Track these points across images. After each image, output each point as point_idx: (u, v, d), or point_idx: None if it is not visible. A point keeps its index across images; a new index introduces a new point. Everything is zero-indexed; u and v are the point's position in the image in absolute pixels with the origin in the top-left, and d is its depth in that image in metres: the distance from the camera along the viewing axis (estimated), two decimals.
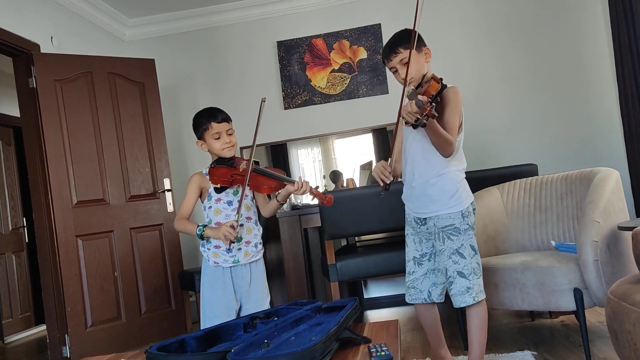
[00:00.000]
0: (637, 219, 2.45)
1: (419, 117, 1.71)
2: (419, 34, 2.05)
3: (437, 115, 1.76)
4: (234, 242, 2.02)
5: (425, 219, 2.07)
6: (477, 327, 2.01)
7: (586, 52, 4.16)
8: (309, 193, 2.03)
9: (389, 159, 1.98)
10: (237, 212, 2.06)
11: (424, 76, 2.03)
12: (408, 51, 1.99)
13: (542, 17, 4.22)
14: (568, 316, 2.97)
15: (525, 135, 4.21)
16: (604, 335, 2.54)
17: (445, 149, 1.94)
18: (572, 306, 2.23)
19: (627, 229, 2.13)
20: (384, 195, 1.97)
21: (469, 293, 1.97)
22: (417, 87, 1.98)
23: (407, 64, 1.97)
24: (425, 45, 2.08)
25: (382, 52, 2.13)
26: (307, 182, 2.05)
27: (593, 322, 2.76)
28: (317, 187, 2.05)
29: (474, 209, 2.08)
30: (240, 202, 2.08)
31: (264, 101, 2.14)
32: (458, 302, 1.99)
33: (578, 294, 2.21)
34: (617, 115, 3.96)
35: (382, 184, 1.95)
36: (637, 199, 3.61)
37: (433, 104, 1.71)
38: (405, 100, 1.91)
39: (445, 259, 2.01)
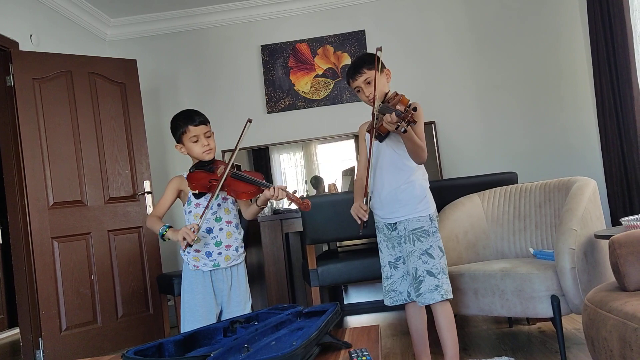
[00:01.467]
0: (613, 228, 2.49)
1: (399, 124, 1.85)
2: (379, 58, 2.19)
3: (417, 121, 1.89)
4: (190, 245, 1.99)
5: (396, 223, 2.21)
6: (447, 326, 2.12)
7: (565, 64, 4.24)
8: (286, 198, 2.01)
9: (365, 198, 2.13)
10: (201, 217, 2.03)
11: (385, 94, 2.18)
12: (371, 72, 2.16)
13: (522, 29, 4.29)
14: (545, 323, 3.00)
15: (506, 144, 4.27)
16: (580, 342, 2.57)
17: (419, 155, 2.10)
18: (549, 313, 2.26)
19: (604, 237, 2.17)
20: (362, 232, 2.12)
21: (437, 291, 2.09)
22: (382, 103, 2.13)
23: (374, 81, 2.12)
24: (385, 67, 2.23)
25: (347, 73, 2.27)
26: (282, 188, 2.02)
27: (570, 329, 2.80)
28: (294, 192, 2.03)
29: (437, 217, 2.23)
30: (206, 207, 2.05)
31: (250, 122, 2.14)
32: (427, 299, 2.10)
33: (555, 301, 2.23)
34: (594, 126, 4.04)
35: (359, 222, 2.10)
36: (613, 207, 3.68)
37: (412, 112, 1.83)
38: (381, 116, 2.02)
39: (415, 260, 2.13)
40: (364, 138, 2.33)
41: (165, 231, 2.05)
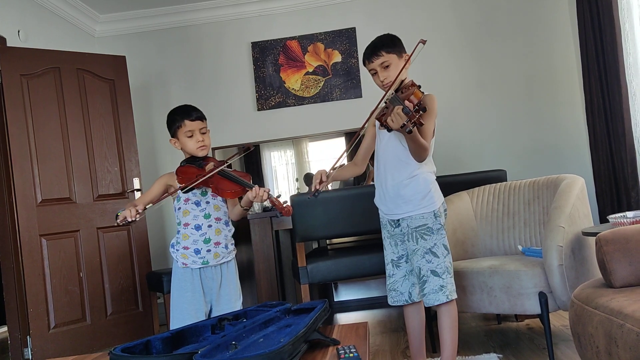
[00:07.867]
0: (600, 225, 2.52)
1: (405, 123, 1.74)
2: (400, 40, 2.12)
3: (424, 123, 1.77)
4: (128, 222, 2.01)
5: (399, 220, 2.12)
6: (449, 326, 2.05)
7: (554, 63, 4.26)
8: (268, 201, 2.01)
9: (330, 171, 2.06)
10: (152, 204, 2.09)
11: (402, 82, 2.06)
12: (390, 55, 2.06)
13: (511, 27, 4.31)
14: (533, 320, 3.02)
15: (495, 141, 4.29)
16: (567, 339, 2.59)
17: (420, 155, 1.99)
18: (537, 309, 2.28)
19: (591, 235, 2.19)
20: (310, 198, 2.05)
21: (442, 291, 2.01)
22: (396, 92, 2.01)
23: (400, 70, 2.03)
24: (405, 52, 2.12)
25: (364, 52, 2.14)
26: (265, 190, 2.01)
27: (557, 326, 2.82)
28: (278, 196, 2.04)
29: (445, 210, 2.14)
30: (178, 190, 2.09)
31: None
32: (432, 300, 2.03)
33: (543, 298, 2.25)
34: (583, 124, 4.07)
35: (313, 189, 2.03)
36: (601, 205, 3.71)
37: (420, 112, 1.73)
38: (383, 103, 1.93)
39: (419, 259, 2.05)
40: (373, 124, 2.20)
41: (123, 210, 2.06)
